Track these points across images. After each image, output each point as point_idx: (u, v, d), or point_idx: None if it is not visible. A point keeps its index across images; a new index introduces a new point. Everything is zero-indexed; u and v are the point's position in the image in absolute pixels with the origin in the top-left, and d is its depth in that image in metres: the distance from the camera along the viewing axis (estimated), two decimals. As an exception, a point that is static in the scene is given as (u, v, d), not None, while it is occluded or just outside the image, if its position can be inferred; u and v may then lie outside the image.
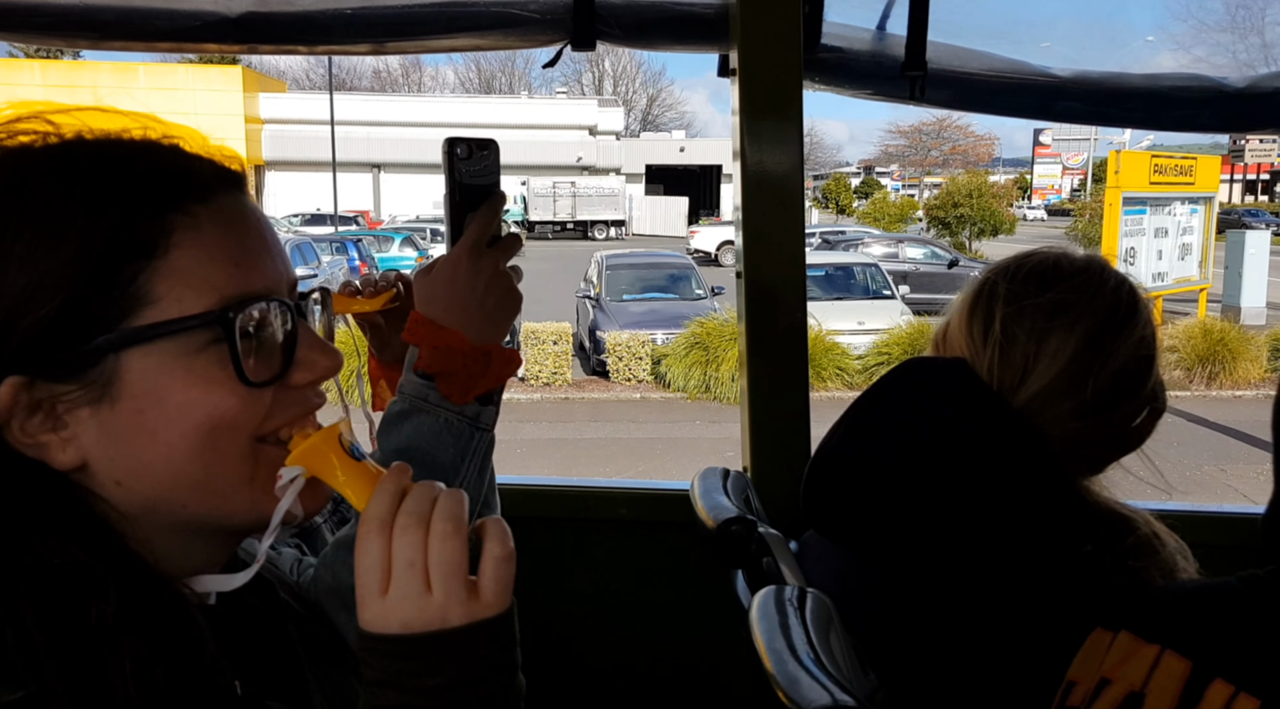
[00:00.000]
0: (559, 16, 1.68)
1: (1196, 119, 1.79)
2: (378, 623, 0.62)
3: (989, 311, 1.14)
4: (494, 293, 0.91)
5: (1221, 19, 2.51)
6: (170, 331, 0.62)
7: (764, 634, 0.94)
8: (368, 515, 0.63)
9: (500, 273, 0.92)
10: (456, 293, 0.90)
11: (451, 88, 66.74)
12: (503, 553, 0.64)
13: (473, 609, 0.62)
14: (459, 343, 0.89)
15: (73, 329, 0.60)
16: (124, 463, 0.63)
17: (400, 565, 0.62)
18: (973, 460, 1.08)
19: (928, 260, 19.38)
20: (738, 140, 1.71)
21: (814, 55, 1.73)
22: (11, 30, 1.69)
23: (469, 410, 0.91)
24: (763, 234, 1.74)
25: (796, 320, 1.73)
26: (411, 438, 0.90)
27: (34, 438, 0.62)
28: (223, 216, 0.66)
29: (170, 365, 0.63)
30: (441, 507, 0.63)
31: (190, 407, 0.63)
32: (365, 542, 0.63)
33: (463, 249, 0.91)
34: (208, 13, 1.64)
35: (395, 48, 1.72)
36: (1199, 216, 14.19)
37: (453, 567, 0.62)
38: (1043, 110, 1.82)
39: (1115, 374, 1.11)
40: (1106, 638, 0.93)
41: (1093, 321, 1.11)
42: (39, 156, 0.63)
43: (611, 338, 12.19)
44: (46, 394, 0.61)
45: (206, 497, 0.66)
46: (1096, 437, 1.12)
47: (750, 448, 1.76)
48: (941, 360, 1.17)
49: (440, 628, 0.61)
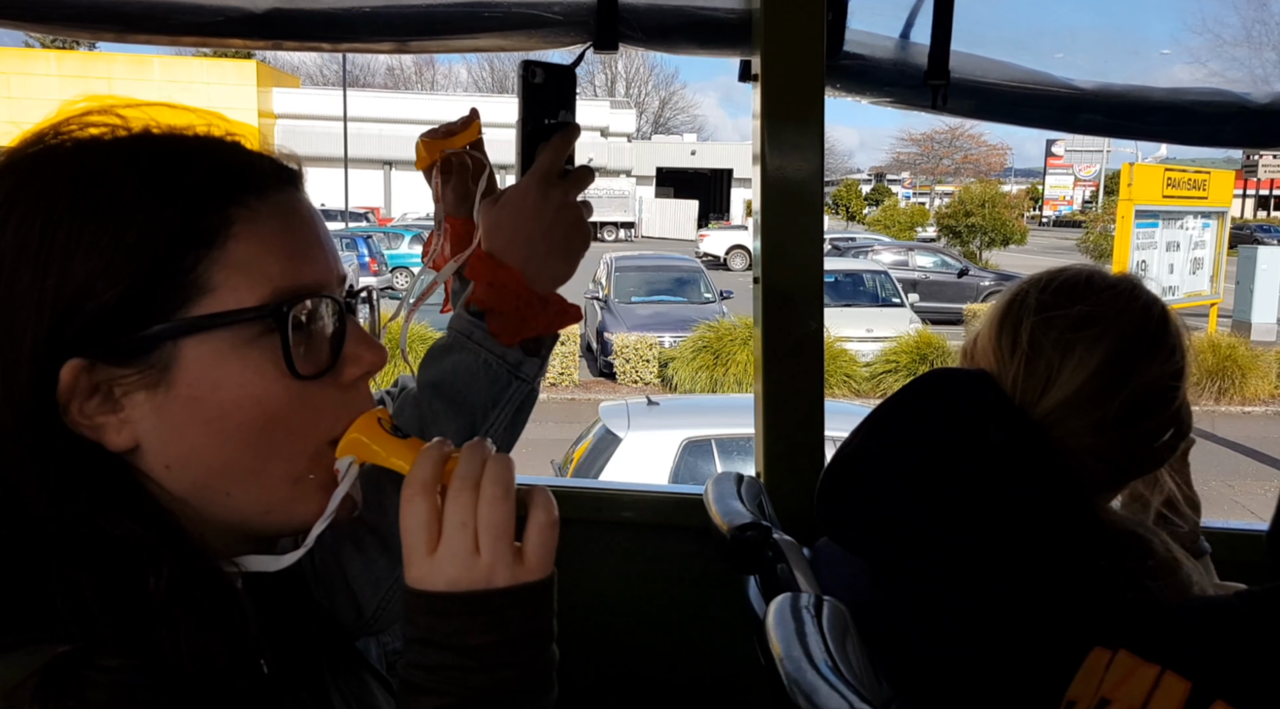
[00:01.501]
0: (582, 18, 1.69)
1: (1218, 134, 1.78)
2: (425, 580, 0.64)
3: (1018, 322, 1.14)
4: (561, 225, 0.88)
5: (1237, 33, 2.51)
6: (227, 322, 0.64)
7: (781, 642, 0.94)
8: (412, 477, 0.65)
9: (569, 205, 0.89)
10: (523, 222, 0.87)
11: (464, 86, 66.89)
12: (548, 520, 0.66)
13: (517, 572, 0.64)
14: (515, 282, 0.87)
15: (134, 315, 0.62)
16: (175, 447, 0.65)
17: (451, 526, 0.64)
18: (988, 472, 1.08)
19: (938, 269, 19.36)
20: (758, 146, 1.71)
21: (836, 62, 1.73)
22: (39, 22, 1.70)
23: (511, 356, 0.88)
24: (781, 240, 1.73)
25: (813, 327, 1.73)
26: (448, 373, 0.88)
27: (91, 419, 0.63)
28: (279, 211, 0.68)
29: (225, 354, 0.64)
30: (491, 471, 0.65)
31: (244, 397, 0.65)
32: (411, 503, 0.64)
33: (532, 178, 0.88)
34: (233, 8, 1.65)
35: (418, 47, 1.73)
36: (1211, 231, 14.13)
37: (500, 530, 0.64)
38: (1064, 122, 1.82)
39: (1139, 392, 1.10)
40: (1105, 656, 0.92)
41: (1119, 336, 1.10)
42: (109, 148, 0.65)
43: (619, 340, 12.19)
44: (106, 377, 0.63)
45: (251, 489, 0.67)
46: (1116, 454, 1.11)
47: (764, 453, 1.76)
48: (964, 371, 1.17)
49: (485, 587, 0.63)
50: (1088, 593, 1.03)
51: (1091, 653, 0.93)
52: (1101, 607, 1.01)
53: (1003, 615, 1.05)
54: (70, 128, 0.66)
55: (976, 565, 1.06)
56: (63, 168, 0.64)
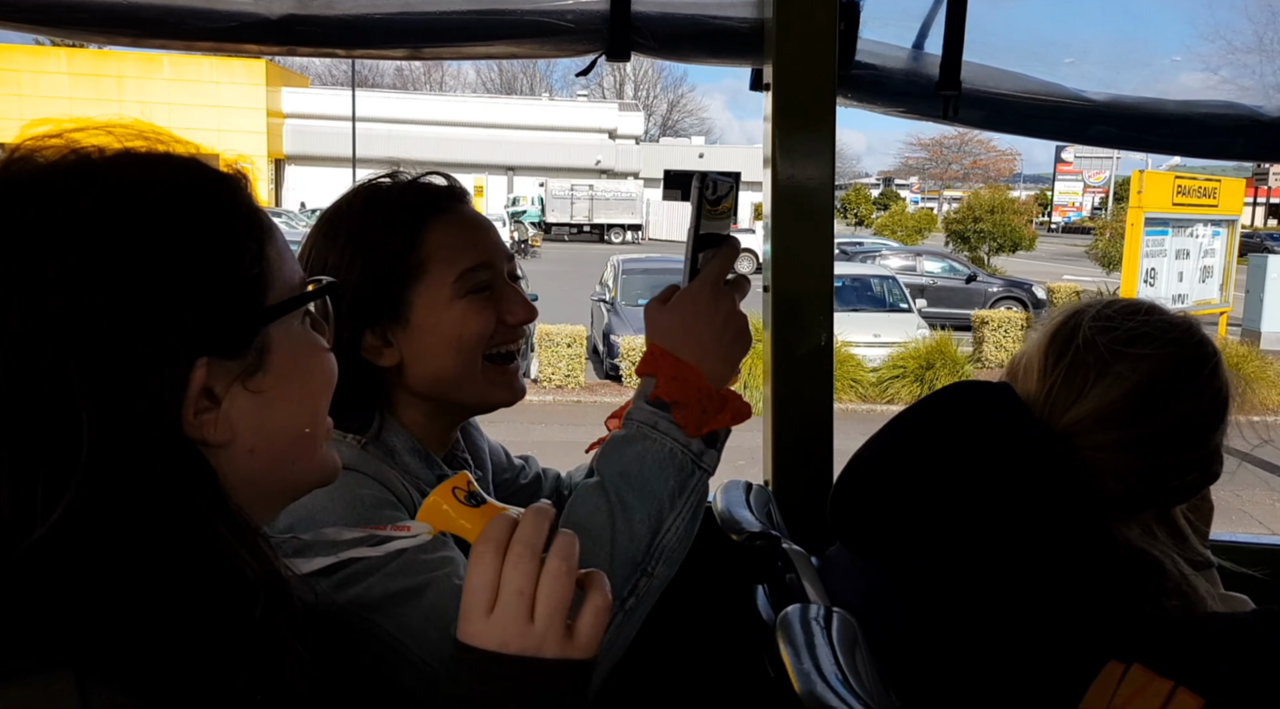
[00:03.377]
0: (594, 27, 1.69)
1: (1230, 147, 1.78)
2: (478, 637, 0.67)
3: (1070, 336, 1.13)
4: (730, 330, 0.93)
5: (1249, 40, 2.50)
6: (299, 303, 0.70)
7: (791, 654, 0.95)
8: (484, 537, 0.69)
9: (737, 312, 0.94)
10: (695, 327, 0.92)
11: (473, 87, 67.03)
12: (604, 604, 0.68)
13: (566, 648, 0.66)
14: (696, 377, 0.91)
15: (237, 311, 0.66)
16: (264, 429, 0.68)
17: (509, 591, 0.66)
18: (1003, 483, 1.08)
19: (946, 274, 19.31)
20: (769, 155, 1.72)
21: (848, 72, 1.73)
22: (56, 25, 1.71)
23: (695, 446, 0.92)
24: (791, 250, 1.74)
25: (822, 336, 1.73)
26: (634, 463, 0.91)
27: (199, 418, 0.65)
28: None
29: (296, 334, 0.71)
30: (559, 545, 0.68)
31: (315, 364, 0.72)
32: (479, 562, 0.68)
33: (704, 285, 0.92)
34: (248, 14, 1.66)
35: (432, 53, 1.73)
36: (1221, 239, 14.08)
37: (557, 604, 0.66)
38: (1075, 133, 1.82)
39: (1172, 422, 1.09)
40: (1119, 670, 0.92)
41: (1163, 362, 1.09)
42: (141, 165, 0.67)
43: (626, 342, 12.19)
44: (218, 373, 0.65)
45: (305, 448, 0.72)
46: (1136, 478, 1.10)
47: (773, 462, 1.76)
48: (987, 384, 1.17)
49: (535, 655, 0.66)
50: (1101, 607, 1.03)
51: (1105, 667, 0.93)
52: (1115, 621, 1.01)
53: (1014, 628, 1.05)
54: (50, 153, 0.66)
55: (989, 576, 1.06)
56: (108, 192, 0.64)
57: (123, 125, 0.68)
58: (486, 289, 1.10)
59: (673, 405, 0.91)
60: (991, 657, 1.05)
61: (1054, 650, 1.02)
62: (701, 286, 0.92)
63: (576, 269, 23.05)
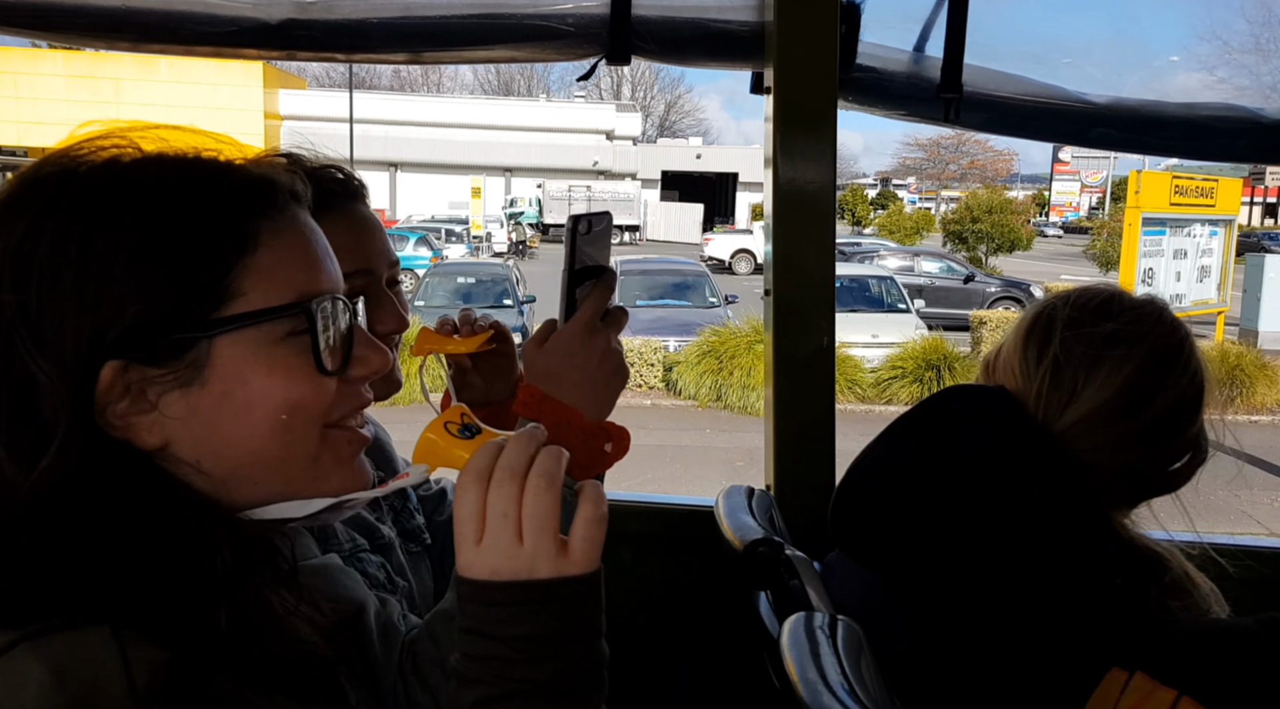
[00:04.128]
0: (595, 30, 1.69)
1: (1232, 149, 1.78)
2: (470, 568, 0.67)
3: (1045, 337, 1.14)
4: (606, 369, 0.91)
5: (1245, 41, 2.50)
6: (258, 320, 0.68)
7: (796, 664, 0.94)
8: (467, 468, 0.68)
9: (613, 349, 0.92)
10: (573, 368, 0.90)
11: (470, 89, 66.98)
12: (595, 515, 0.67)
13: (560, 564, 0.66)
14: (578, 419, 0.89)
15: (171, 318, 0.65)
16: (206, 443, 0.68)
17: (494, 516, 0.66)
18: (1005, 486, 1.07)
19: (944, 274, 19.32)
20: (770, 158, 1.71)
21: (849, 75, 1.73)
22: (54, 30, 1.71)
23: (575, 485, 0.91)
24: (792, 253, 1.73)
25: (824, 340, 1.73)
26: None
27: (125, 420, 0.66)
28: (295, 225, 0.73)
29: (254, 353, 0.68)
30: (538, 463, 0.67)
31: (273, 390, 0.68)
32: (463, 492, 0.67)
33: (579, 325, 0.91)
34: (247, 18, 1.66)
35: (432, 57, 1.73)
36: (1219, 239, 14.09)
37: (543, 521, 0.66)
38: (1077, 136, 1.81)
39: (1162, 412, 1.10)
40: (1122, 678, 0.92)
41: (1146, 356, 1.11)
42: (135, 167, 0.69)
43: (625, 344, 12.17)
44: (140, 378, 0.66)
45: (276, 476, 0.71)
46: (1135, 472, 1.12)
47: (774, 466, 1.76)
48: (982, 388, 1.17)
49: (527, 578, 0.65)
50: (1105, 611, 1.02)
51: (1109, 673, 0.93)
52: (1119, 626, 1.01)
53: (1017, 633, 1.04)
54: (86, 151, 0.69)
55: (990, 582, 1.06)
56: (93, 186, 0.67)
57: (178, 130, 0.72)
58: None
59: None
60: (995, 664, 1.05)
61: (1057, 656, 1.01)
62: (576, 327, 0.91)
63: (574, 270, 22.98)
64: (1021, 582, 1.05)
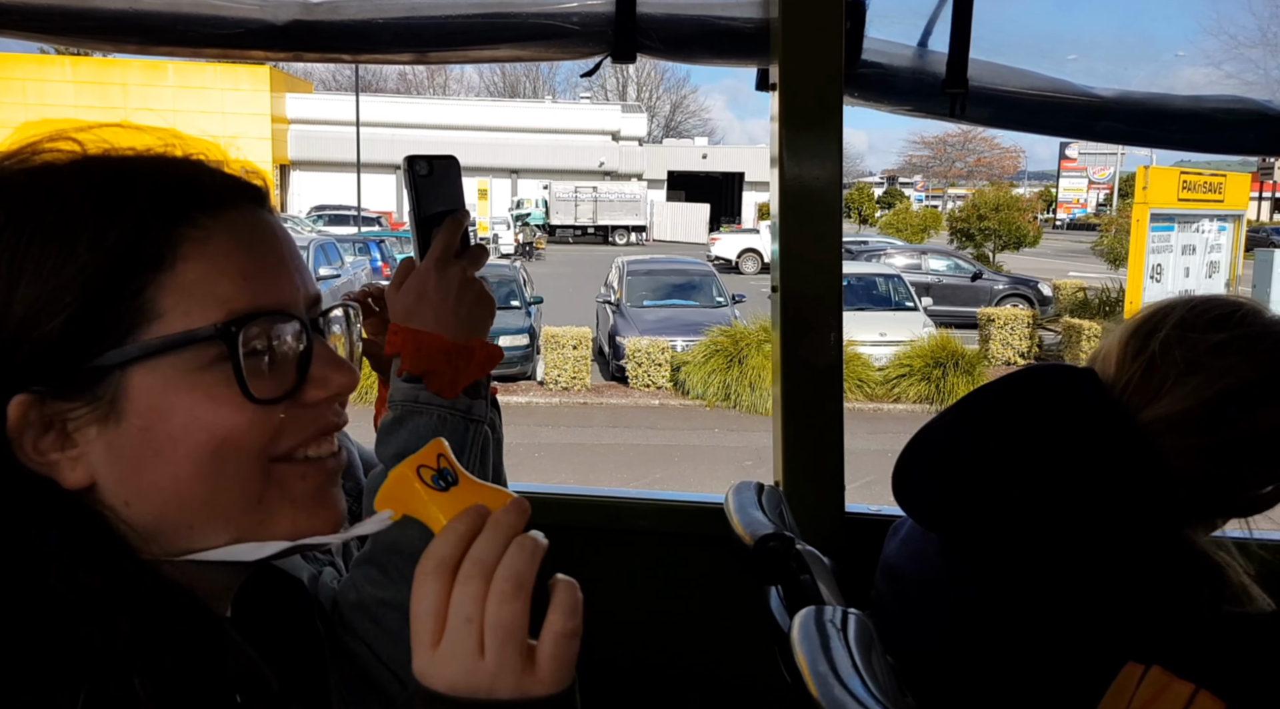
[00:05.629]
0: (600, 29, 1.69)
1: (1240, 142, 1.77)
2: (425, 677, 0.58)
3: (1152, 332, 1.12)
4: (465, 301, 0.93)
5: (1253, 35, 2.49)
6: (173, 346, 0.60)
7: (807, 657, 0.94)
8: (428, 554, 0.59)
9: (469, 280, 0.94)
10: (428, 305, 0.92)
11: (476, 91, 67.10)
12: (566, 628, 0.58)
13: (524, 683, 0.57)
14: (439, 341, 0.91)
15: (80, 344, 0.59)
16: (131, 482, 0.62)
17: (456, 620, 0.57)
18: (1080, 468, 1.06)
19: (951, 272, 19.28)
20: (776, 155, 1.71)
21: (854, 71, 1.72)
22: (61, 34, 1.72)
23: (460, 404, 0.92)
24: (799, 249, 1.73)
25: (832, 337, 1.73)
26: (408, 441, 0.90)
27: (44, 456, 0.60)
28: (234, 230, 0.64)
29: (176, 382, 0.61)
30: (507, 560, 0.58)
31: (195, 424, 0.61)
32: (422, 585, 0.59)
33: (429, 264, 0.93)
34: (254, 20, 1.66)
35: (438, 58, 1.73)
36: (1227, 234, 14.03)
37: (508, 632, 0.57)
38: (1084, 130, 1.81)
39: (1252, 436, 1.07)
40: (1137, 672, 0.91)
41: (1248, 375, 1.07)
42: (57, 172, 0.63)
43: (631, 344, 12.19)
44: (55, 411, 0.60)
45: (214, 518, 0.63)
46: (1211, 486, 1.09)
47: (784, 463, 1.76)
48: (1070, 367, 1.16)
49: (486, 697, 0.57)
50: (1134, 604, 1.02)
51: (1125, 668, 0.93)
52: (1139, 619, 1.00)
53: (1056, 616, 1.04)
54: (24, 154, 0.63)
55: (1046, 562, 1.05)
56: (10, 194, 0.61)
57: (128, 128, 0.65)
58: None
59: (424, 376, 0.91)
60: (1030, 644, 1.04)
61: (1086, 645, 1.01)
62: (428, 264, 0.93)
63: (581, 271, 23.06)
64: (1066, 564, 1.04)
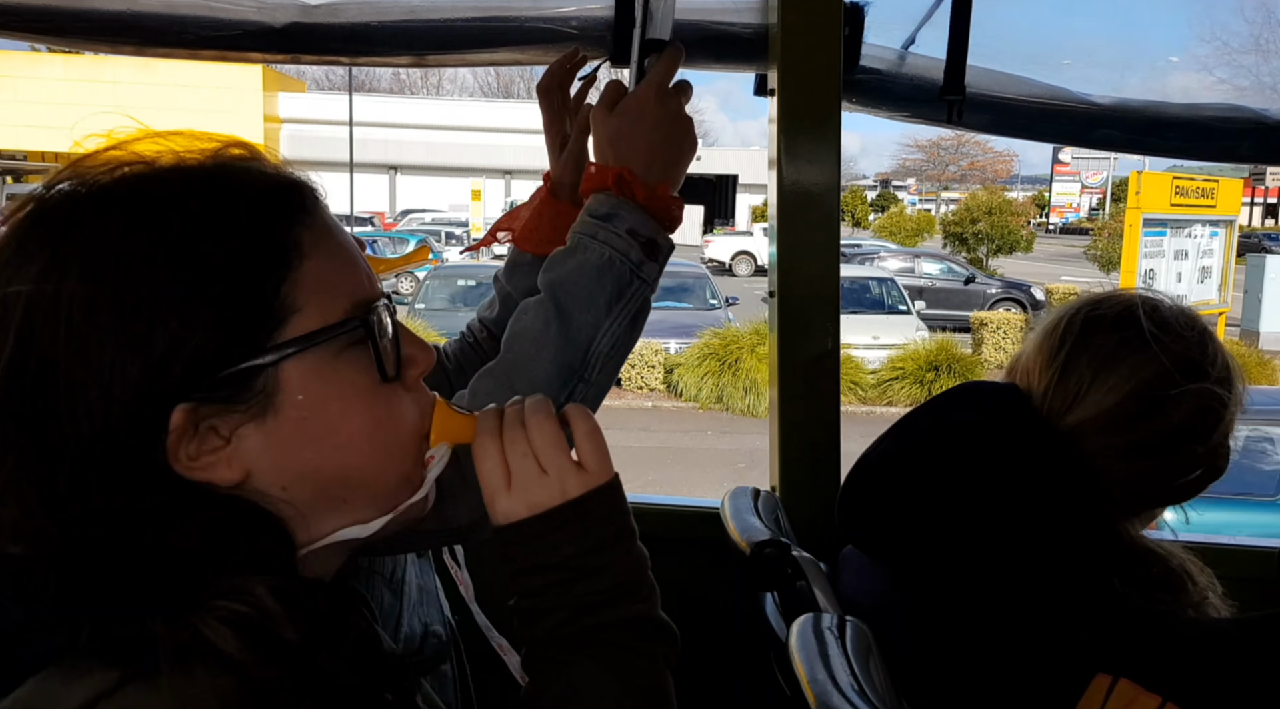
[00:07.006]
0: (599, 33, 1.69)
1: (1236, 150, 1.78)
2: (510, 513, 0.70)
3: (1063, 337, 1.13)
4: (677, 132, 0.94)
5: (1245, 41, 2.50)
6: (322, 339, 0.64)
7: (805, 664, 0.94)
8: (479, 429, 0.72)
9: (683, 116, 0.95)
10: (643, 130, 0.92)
11: (470, 91, 66.98)
12: (588, 427, 0.72)
13: (585, 479, 0.71)
14: (637, 182, 0.93)
15: (233, 350, 0.61)
16: (290, 470, 0.65)
17: (515, 457, 0.70)
18: (1004, 482, 1.08)
19: (944, 276, 19.33)
20: (774, 160, 1.72)
21: (852, 77, 1.73)
22: (58, 34, 1.71)
23: (634, 255, 0.93)
24: (797, 255, 1.74)
25: (828, 342, 1.73)
26: (572, 272, 0.92)
27: (198, 461, 0.62)
28: (330, 227, 0.69)
29: (323, 371, 0.65)
30: (529, 407, 0.72)
31: (349, 408, 0.66)
32: (481, 448, 0.71)
33: (650, 89, 0.93)
34: (252, 22, 1.66)
35: (436, 60, 1.73)
36: (1219, 239, 14.08)
37: (555, 446, 0.71)
38: (1080, 137, 1.81)
39: (1173, 424, 1.08)
40: (1106, 684, 0.92)
41: (1157, 367, 1.08)
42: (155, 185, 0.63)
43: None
44: (211, 415, 0.62)
45: (364, 493, 0.69)
46: (1140, 479, 1.10)
47: (780, 467, 1.76)
48: (991, 383, 1.18)
49: (563, 500, 0.69)
50: (1096, 615, 1.02)
51: (1094, 680, 0.93)
52: (1107, 630, 1.01)
53: (1010, 632, 1.04)
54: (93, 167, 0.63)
55: (990, 578, 1.06)
56: (112, 208, 0.61)
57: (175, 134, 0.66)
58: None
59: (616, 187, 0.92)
60: (989, 663, 1.05)
61: (1048, 659, 1.01)
62: (647, 91, 0.93)
63: (575, 272, 22.98)
64: (1016, 579, 1.05)
